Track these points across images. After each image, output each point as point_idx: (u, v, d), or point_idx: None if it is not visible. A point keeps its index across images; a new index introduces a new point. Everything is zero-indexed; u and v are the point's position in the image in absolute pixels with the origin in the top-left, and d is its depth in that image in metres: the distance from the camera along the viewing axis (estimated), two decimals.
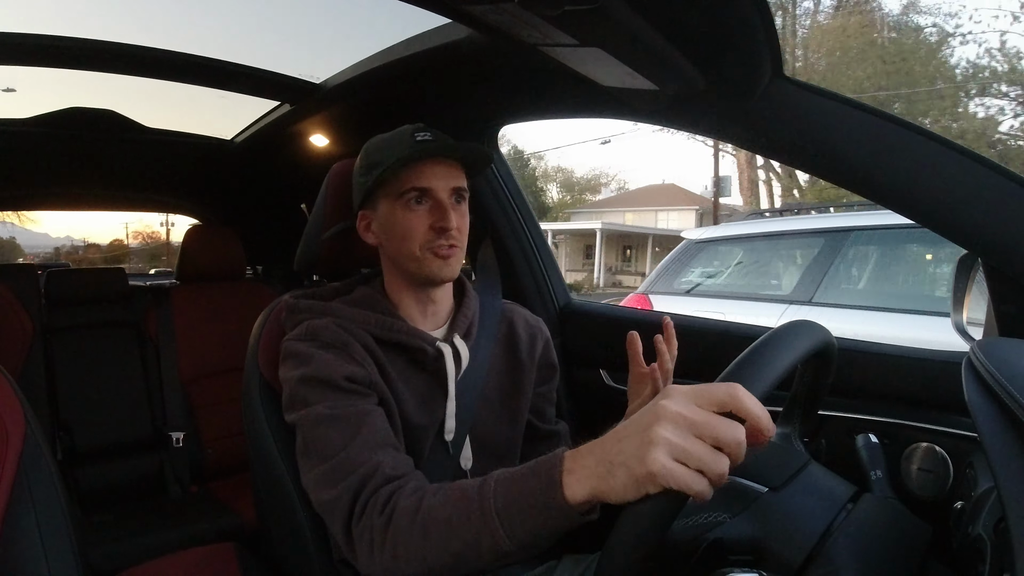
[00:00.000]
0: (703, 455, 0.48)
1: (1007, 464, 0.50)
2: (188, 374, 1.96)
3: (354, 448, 0.74)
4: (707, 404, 0.50)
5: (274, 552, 0.96)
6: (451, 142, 0.86)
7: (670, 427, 0.49)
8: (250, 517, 1.62)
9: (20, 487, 0.65)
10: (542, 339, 1.02)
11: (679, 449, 0.48)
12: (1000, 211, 0.74)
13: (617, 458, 0.52)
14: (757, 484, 0.66)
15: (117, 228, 40.58)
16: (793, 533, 0.61)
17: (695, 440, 0.48)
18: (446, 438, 0.87)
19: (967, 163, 0.76)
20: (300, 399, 0.80)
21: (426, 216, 0.85)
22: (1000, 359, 0.58)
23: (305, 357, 0.81)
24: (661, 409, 0.50)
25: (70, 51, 1.33)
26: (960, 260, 0.86)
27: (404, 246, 0.85)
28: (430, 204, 0.85)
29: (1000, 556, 0.53)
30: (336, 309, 0.87)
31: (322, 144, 1.75)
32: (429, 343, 0.87)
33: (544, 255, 1.48)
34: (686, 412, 0.49)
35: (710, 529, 0.62)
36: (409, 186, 0.84)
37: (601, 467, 0.53)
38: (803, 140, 0.84)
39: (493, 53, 1.04)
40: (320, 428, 0.76)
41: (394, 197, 0.85)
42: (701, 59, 0.79)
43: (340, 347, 0.82)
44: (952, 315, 0.88)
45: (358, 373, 0.80)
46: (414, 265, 0.86)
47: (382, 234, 0.89)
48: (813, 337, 0.63)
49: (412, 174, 0.84)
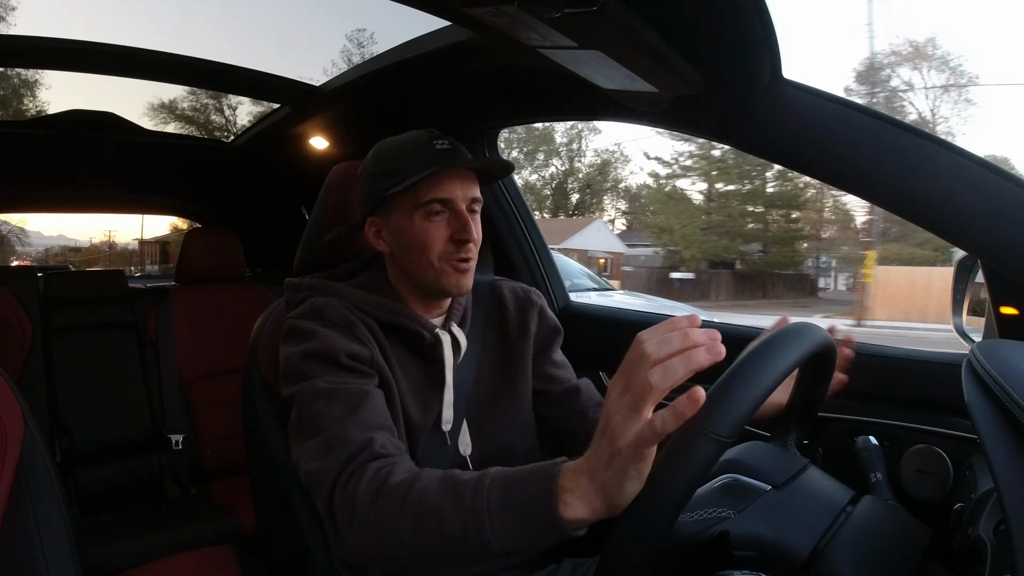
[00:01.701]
0: (676, 346, 0.52)
1: (1007, 466, 0.50)
2: (187, 375, 1.96)
3: (349, 424, 0.73)
4: (636, 363, 0.53)
5: (273, 554, 0.96)
6: (467, 154, 0.86)
7: (634, 361, 0.53)
8: (249, 519, 1.62)
9: (19, 489, 0.65)
10: (535, 311, 1.00)
11: (656, 360, 0.52)
12: (999, 213, 0.74)
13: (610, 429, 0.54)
14: (760, 482, 0.67)
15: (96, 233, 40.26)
16: (795, 530, 0.62)
17: (670, 344, 0.53)
18: (443, 428, 0.87)
19: (966, 165, 0.76)
20: (300, 372, 0.79)
21: (445, 227, 0.83)
22: (1000, 361, 0.58)
23: (309, 333, 0.80)
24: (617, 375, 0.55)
25: (70, 53, 1.33)
26: (959, 262, 0.87)
27: (422, 257, 0.84)
28: (449, 215, 0.83)
29: (1000, 558, 0.53)
30: (341, 289, 0.87)
31: (322, 146, 1.75)
32: (428, 329, 0.87)
33: (543, 257, 1.48)
34: (637, 353, 0.54)
35: (715, 524, 0.63)
36: (430, 197, 0.82)
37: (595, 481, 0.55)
38: (802, 142, 0.85)
39: (493, 55, 1.04)
40: (318, 402, 0.75)
41: (412, 207, 0.83)
42: (700, 61, 0.79)
43: (345, 326, 0.81)
44: (952, 317, 0.88)
45: (361, 352, 0.79)
46: (430, 276, 0.85)
47: (395, 243, 0.87)
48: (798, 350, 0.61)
49: (432, 184, 0.82)
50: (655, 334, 0.54)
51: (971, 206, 0.76)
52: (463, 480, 0.63)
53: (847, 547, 0.61)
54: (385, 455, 0.71)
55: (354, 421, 0.74)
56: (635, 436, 0.52)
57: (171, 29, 3.99)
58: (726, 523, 0.63)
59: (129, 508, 1.72)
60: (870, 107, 0.82)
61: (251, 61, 1.46)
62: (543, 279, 1.47)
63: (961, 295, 0.88)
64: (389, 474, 0.67)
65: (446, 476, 0.65)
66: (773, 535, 0.61)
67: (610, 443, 0.54)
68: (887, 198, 0.82)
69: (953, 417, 0.89)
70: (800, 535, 0.61)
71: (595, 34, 0.68)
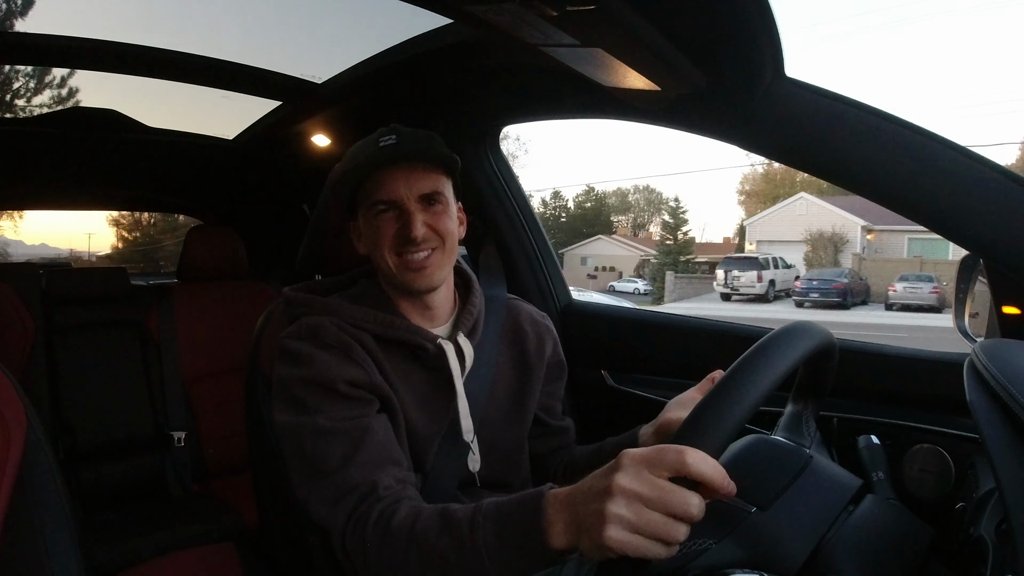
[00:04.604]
0: (656, 525, 0.50)
1: (1009, 465, 0.50)
2: (190, 373, 1.96)
3: (353, 466, 0.74)
4: (659, 472, 0.51)
5: (275, 551, 0.96)
6: (416, 145, 0.83)
7: (623, 503, 0.51)
8: (251, 517, 1.62)
9: (22, 487, 0.65)
10: (551, 338, 1.01)
11: (631, 524, 0.50)
12: (1002, 212, 0.74)
13: (583, 523, 0.54)
14: (742, 503, 0.62)
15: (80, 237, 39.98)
16: (782, 554, 0.59)
17: (648, 512, 0.50)
18: (464, 438, 0.86)
19: (969, 164, 0.76)
20: (299, 402, 0.79)
21: (393, 224, 0.83)
22: (1002, 360, 0.58)
23: (305, 357, 0.80)
24: (613, 485, 0.52)
25: (71, 51, 1.33)
26: (962, 261, 0.86)
27: (379, 256, 0.85)
28: (396, 213, 0.83)
29: (1002, 557, 0.53)
30: (334, 306, 0.86)
31: (323, 144, 1.75)
32: (430, 340, 0.86)
33: (545, 255, 1.48)
34: (637, 487, 0.51)
35: (696, 557, 0.60)
36: (374, 198, 0.83)
37: (573, 526, 0.56)
38: (804, 140, 0.84)
39: (494, 53, 1.04)
40: (320, 442, 0.76)
41: (367, 207, 0.84)
42: (702, 59, 0.79)
43: (341, 348, 0.80)
44: (954, 316, 0.87)
45: (359, 377, 0.79)
46: (393, 274, 0.85)
47: (365, 244, 0.88)
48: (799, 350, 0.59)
49: (376, 184, 0.82)
50: (638, 477, 0.51)
51: (974, 204, 0.76)
52: (459, 519, 0.65)
53: (848, 546, 0.60)
54: (388, 496, 0.73)
55: (357, 462, 0.75)
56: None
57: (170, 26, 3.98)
58: (706, 555, 0.60)
59: (132, 506, 1.73)
60: (873, 106, 0.82)
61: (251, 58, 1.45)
62: (545, 277, 1.47)
63: (963, 294, 0.87)
64: (393, 515, 0.70)
65: (444, 514, 0.67)
66: (764, 557, 0.59)
67: (584, 500, 0.55)
68: (890, 196, 0.82)
69: (955, 416, 0.89)
70: (794, 548, 0.59)
71: (596, 32, 0.68)
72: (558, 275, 1.50)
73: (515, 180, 1.46)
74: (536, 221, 1.49)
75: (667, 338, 1.28)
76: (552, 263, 1.50)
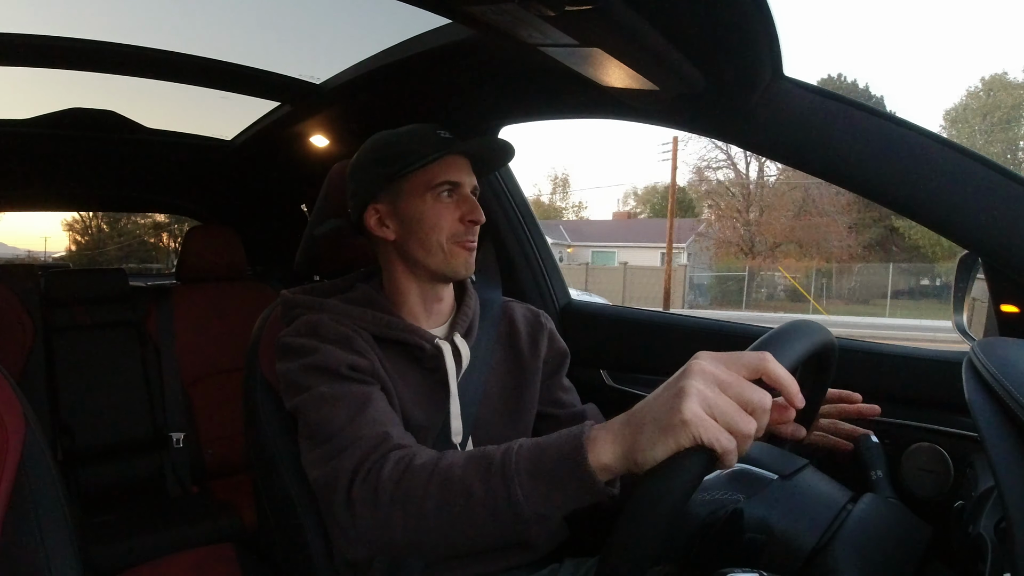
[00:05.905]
0: (732, 412, 0.49)
1: (1007, 464, 0.50)
2: (188, 374, 1.96)
3: (359, 423, 0.73)
4: (737, 368, 0.51)
5: (274, 552, 0.96)
6: (479, 142, 0.91)
7: (702, 381, 0.50)
8: (250, 517, 1.62)
9: (21, 488, 0.65)
10: (545, 332, 1.00)
11: (710, 401, 0.49)
12: (1000, 211, 0.74)
13: (648, 415, 0.52)
14: (768, 472, 0.67)
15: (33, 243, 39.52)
16: (803, 520, 0.63)
17: (723, 397, 0.49)
18: (453, 440, 0.86)
19: (967, 163, 0.76)
20: (301, 385, 0.79)
21: (455, 209, 0.87)
22: (1000, 359, 0.58)
23: (309, 349, 0.80)
24: (694, 366, 0.51)
25: (70, 51, 1.33)
26: (961, 260, 0.86)
27: (431, 237, 0.86)
28: (457, 198, 0.87)
29: (1001, 556, 0.53)
30: (331, 306, 0.87)
31: (322, 144, 1.75)
32: (427, 340, 0.86)
33: (544, 255, 1.48)
34: (717, 371, 0.50)
35: (726, 506, 0.63)
36: (443, 179, 0.86)
37: (629, 428, 0.53)
38: (803, 140, 0.84)
39: (493, 54, 1.04)
40: (324, 409, 0.75)
41: (423, 189, 0.86)
42: (701, 59, 0.79)
43: (343, 340, 0.81)
44: (953, 315, 0.88)
45: (361, 363, 0.80)
46: (438, 258, 0.86)
47: (402, 228, 0.88)
48: (822, 334, 0.63)
49: (443, 166, 0.86)
50: (718, 366, 0.51)
51: (973, 203, 0.76)
52: (490, 451, 0.62)
53: (848, 545, 0.61)
54: (405, 445, 0.71)
55: (363, 420, 0.74)
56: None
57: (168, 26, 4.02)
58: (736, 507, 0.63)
59: (130, 507, 1.73)
60: (872, 105, 0.82)
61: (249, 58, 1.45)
62: (544, 277, 1.47)
63: (962, 293, 0.88)
64: (414, 456, 0.67)
65: (473, 452, 0.64)
66: (782, 523, 0.62)
67: (646, 403, 0.53)
68: (888, 196, 0.82)
69: (954, 415, 0.89)
70: (807, 526, 0.62)
71: (595, 32, 0.68)
72: (557, 275, 1.50)
73: (513, 180, 1.46)
74: (535, 221, 1.49)
75: (666, 338, 1.28)
76: (551, 263, 1.50)
